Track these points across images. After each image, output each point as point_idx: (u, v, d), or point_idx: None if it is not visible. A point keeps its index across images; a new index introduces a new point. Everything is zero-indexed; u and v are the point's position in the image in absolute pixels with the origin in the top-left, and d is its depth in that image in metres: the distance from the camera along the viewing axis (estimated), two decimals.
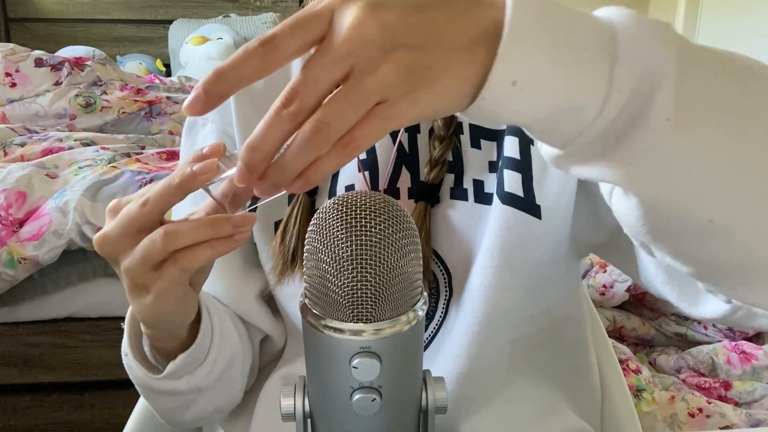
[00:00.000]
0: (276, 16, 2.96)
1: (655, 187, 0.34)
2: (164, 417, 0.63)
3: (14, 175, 1.36)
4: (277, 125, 0.32)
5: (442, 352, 0.62)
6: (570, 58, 0.32)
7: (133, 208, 0.43)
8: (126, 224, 0.43)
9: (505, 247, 0.58)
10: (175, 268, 0.42)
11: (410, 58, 0.31)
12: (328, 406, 0.41)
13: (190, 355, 0.54)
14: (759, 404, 1.44)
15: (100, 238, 0.44)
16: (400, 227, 0.38)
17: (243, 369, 0.65)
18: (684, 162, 0.33)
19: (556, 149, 0.36)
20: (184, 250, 0.42)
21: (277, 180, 0.33)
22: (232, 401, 0.65)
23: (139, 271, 0.43)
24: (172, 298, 0.46)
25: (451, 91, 0.32)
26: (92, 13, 2.98)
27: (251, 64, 0.32)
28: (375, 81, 0.31)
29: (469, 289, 0.61)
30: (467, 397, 0.62)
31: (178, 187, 0.41)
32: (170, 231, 0.42)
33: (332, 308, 0.38)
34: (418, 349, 0.41)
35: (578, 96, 0.32)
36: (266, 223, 0.65)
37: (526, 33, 0.31)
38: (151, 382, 0.56)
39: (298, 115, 0.32)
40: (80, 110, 1.96)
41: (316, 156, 0.33)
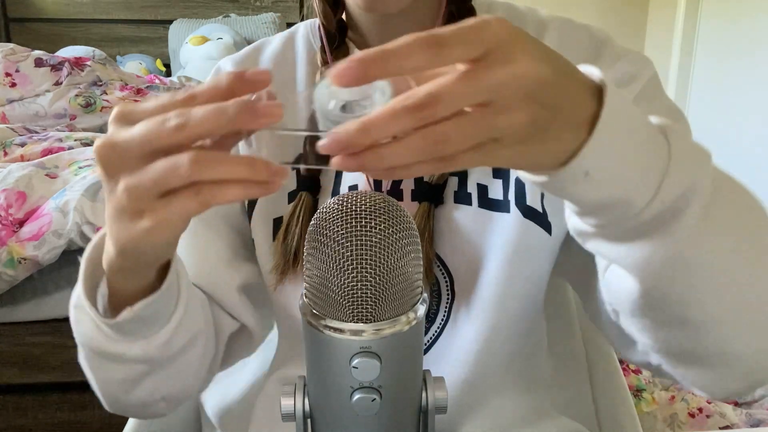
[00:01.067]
0: (276, 16, 2.96)
1: (661, 279, 0.41)
2: (107, 394, 0.56)
3: (14, 175, 1.36)
4: (403, 120, 0.32)
5: (447, 357, 0.63)
6: (633, 163, 0.37)
7: (163, 128, 0.36)
8: (147, 142, 0.36)
9: (520, 259, 0.60)
10: (194, 200, 0.36)
11: (540, 115, 0.34)
12: (328, 406, 0.41)
13: (153, 304, 0.48)
14: (759, 404, 1.44)
15: (106, 146, 0.38)
16: (401, 227, 0.38)
17: (203, 358, 0.59)
18: (692, 266, 0.40)
19: (586, 226, 0.42)
20: (210, 183, 0.36)
21: (370, 165, 0.33)
22: (183, 392, 0.59)
23: (145, 194, 0.37)
24: (171, 230, 0.38)
25: (549, 156, 0.36)
26: (92, 13, 2.99)
27: (416, 58, 0.31)
28: (506, 121, 0.33)
29: (480, 297, 0.61)
30: (469, 403, 0.63)
31: (231, 121, 0.35)
32: (201, 159, 0.35)
33: (332, 308, 0.38)
34: (418, 349, 0.41)
35: (630, 195, 0.38)
36: (265, 219, 0.65)
37: (608, 139, 0.36)
38: (101, 341, 0.50)
39: (427, 120, 0.32)
40: (80, 110, 1.96)
41: (419, 160, 0.33)
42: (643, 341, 0.49)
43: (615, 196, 0.38)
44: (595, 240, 0.43)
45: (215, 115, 0.35)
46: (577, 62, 0.66)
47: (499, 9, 0.68)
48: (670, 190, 0.38)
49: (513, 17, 0.67)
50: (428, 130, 0.32)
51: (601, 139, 0.36)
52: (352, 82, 0.32)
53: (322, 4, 0.66)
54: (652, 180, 0.38)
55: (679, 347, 0.47)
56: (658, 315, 0.45)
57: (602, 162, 0.36)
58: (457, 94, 0.32)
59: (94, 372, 0.55)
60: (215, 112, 0.35)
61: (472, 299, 0.62)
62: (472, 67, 0.32)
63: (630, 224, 0.39)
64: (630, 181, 0.37)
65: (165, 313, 0.51)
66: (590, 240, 0.43)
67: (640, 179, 0.38)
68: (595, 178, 0.37)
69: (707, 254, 0.40)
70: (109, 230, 0.42)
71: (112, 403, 0.57)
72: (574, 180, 0.37)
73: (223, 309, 0.65)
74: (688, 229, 0.39)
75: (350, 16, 0.67)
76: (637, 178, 0.37)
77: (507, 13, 0.67)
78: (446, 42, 0.31)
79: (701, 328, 0.43)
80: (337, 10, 0.66)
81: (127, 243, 0.40)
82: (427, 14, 0.65)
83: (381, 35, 0.66)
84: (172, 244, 0.44)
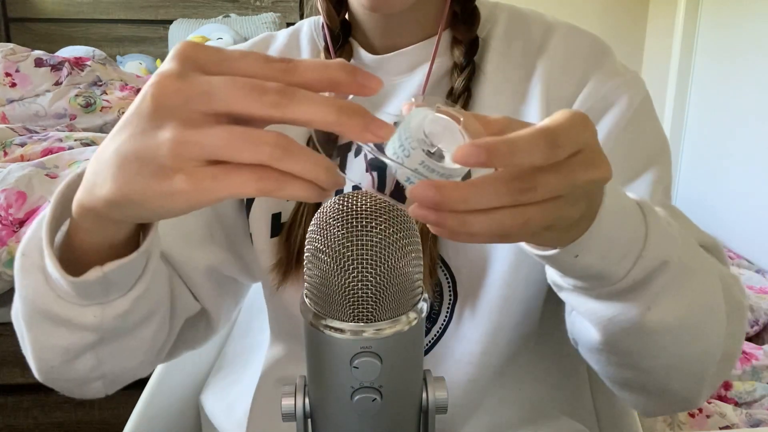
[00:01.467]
0: (276, 16, 2.96)
1: (620, 335, 0.48)
2: (42, 360, 0.50)
3: (14, 175, 1.36)
4: (501, 198, 0.33)
5: (451, 357, 0.63)
6: (615, 247, 0.42)
7: (258, 98, 0.31)
8: (231, 103, 0.32)
9: (525, 263, 0.60)
10: (253, 183, 0.32)
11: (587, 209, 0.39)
12: (329, 406, 0.41)
13: (125, 267, 0.43)
14: (759, 404, 1.44)
15: (173, 83, 0.32)
16: (401, 227, 0.38)
17: (155, 338, 0.54)
18: (649, 326, 0.46)
19: (564, 283, 0.47)
20: (278, 172, 0.32)
21: (452, 227, 0.34)
22: (125, 373, 0.55)
23: (196, 155, 0.32)
24: (202, 201, 0.33)
25: (567, 241, 0.40)
26: (92, 13, 2.98)
27: (535, 157, 0.33)
28: (570, 213, 0.37)
29: (485, 299, 0.62)
30: (470, 403, 0.63)
31: (339, 124, 0.32)
32: (289, 147, 0.31)
33: (333, 308, 0.38)
34: (419, 349, 0.41)
35: (607, 271, 0.43)
36: (264, 214, 0.64)
37: (600, 231, 0.41)
38: (49, 300, 0.45)
39: (520, 203, 0.34)
40: (80, 110, 1.96)
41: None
42: (596, 368, 0.56)
43: (594, 272, 0.43)
44: (568, 293, 0.49)
45: (325, 110, 0.31)
46: (578, 68, 0.66)
47: (504, 11, 0.67)
48: (642, 268, 0.44)
49: (518, 20, 0.67)
50: (518, 212, 0.34)
51: (595, 231, 0.40)
52: (475, 164, 0.32)
53: (326, 3, 0.66)
54: (629, 260, 0.43)
55: (625, 381, 0.54)
56: (612, 358, 0.52)
57: (591, 248, 0.41)
58: (551, 186, 0.34)
59: (32, 333, 0.49)
60: (326, 107, 0.31)
61: (477, 301, 0.62)
62: (566, 162, 0.35)
63: (603, 291, 0.45)
64: (610, 261, 0.43)
65: (130, 280, 0.46)
66: (564, 292, 0.49)
67: (619, 260, 0.43)
68: (583, 259, 0.41)
69: (663, 318, 0.46)
70: (112, 174, 0.35)
71: (46, 372, 0.51)
72: (563, 259, 0.42)
73: (187, 287, 0.63)
74: (651, 298, 0.45)
75: (354, 15, 0.67)
76: (617, 259, 0.43)
77: (512, 17, 0.67)
78: (561, 144, 0.34)
79: (649, 372, 0.51)
80: (340, 9, 0.66)
81: (135, 196, 0.34)
82: (431, 14, 0.65)
83: (385, 35, 0.66)
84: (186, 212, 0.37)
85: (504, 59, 0.65)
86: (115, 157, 0.34)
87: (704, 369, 0.51)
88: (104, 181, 0.35)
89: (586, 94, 0.62)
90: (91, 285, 0.43)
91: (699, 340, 0.49)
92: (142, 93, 0.34)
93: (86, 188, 0.38)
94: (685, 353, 0.49)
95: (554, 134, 0.33)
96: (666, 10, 2.71)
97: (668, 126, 2.63)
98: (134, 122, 0.34)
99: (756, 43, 2.18)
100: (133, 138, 0.33)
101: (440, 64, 0.65)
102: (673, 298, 0.46)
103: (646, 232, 0.43)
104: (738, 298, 0.54)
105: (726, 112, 2.37)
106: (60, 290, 0.45)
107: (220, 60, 0.33)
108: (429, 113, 0.35)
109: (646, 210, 0.44)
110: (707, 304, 0.49)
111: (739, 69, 2.29)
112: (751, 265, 2.10)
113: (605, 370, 0.55)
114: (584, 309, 0.49)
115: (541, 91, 0.62)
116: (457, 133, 0.35)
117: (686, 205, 2.62)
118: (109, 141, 0.36)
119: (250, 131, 0.31)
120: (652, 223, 0.44)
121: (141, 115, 0.33)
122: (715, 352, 0.51)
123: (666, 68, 2.66)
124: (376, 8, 0.60)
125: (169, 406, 0.82)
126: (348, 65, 0.33)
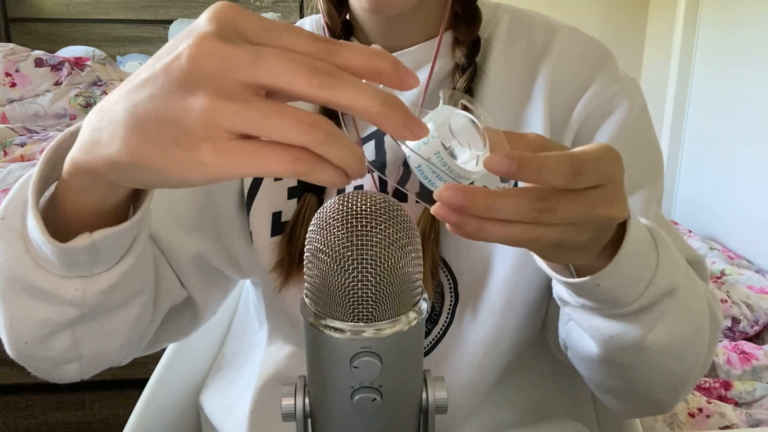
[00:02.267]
0: (276, 16, 2.96)
1: (618, 351, 0.51)
2: (16, 336, 0.47)
3: (14, 175, 1.36)
4: (521, 214, 0.36)
5: (451, 359, 0.63)
6: (632, 276, 0.46)
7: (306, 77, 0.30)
8: (274, 77, 0.30)
9: (529, 267, 0.60)
10: (287, 164, 0.30)
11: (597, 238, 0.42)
12: (329, 406, 0.41)
13: (116, 236, 0.41)
14: (759, 404, 1.44)
15: (212, 50, 0.29)
16: (401, 227, 0.38)
17: (137, 321, 0.51)
18: (645, 345, 0.49)
19: (572, 301, 0.50)
20: (314, 155, 0.30)
21: (468, 230, 0.36)
22: (103, 356, 0.51)
23: (230, 127, 0.30)
24: (223, 175, 0.31)
25: (581, 259, 0.44)
26: (92, 13, 2.98)
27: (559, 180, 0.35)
28: (580, 238, 0.39)
29: (487, 301, 0.61)
30: (470, 403, 0.63)
31: (382, 116, 0.31)
32: (335, 133, 0.30)
33: (333, 308, 0.38)
34: (419, 349, 0.41)
35: (620, 297, 0.47)
36: (265, 212, 0.64)
37: (622, 264, 0.44)
38: (28, 269, 0.42)
39: (537, 221, 0.36)
40: (80, 110, 1.96)
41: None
42: (583, 374, 0.59)
43: (609, 297, 0.46)
44: (573, 309, 0.51)
45: (370, 99, 0.30)
46: (582, 70, 0.67)
47: (506, 12, 0.67)
48: (652, 294, 0.47)
49: (520, 21, 0.67)
50: (532, 229, 0.37)
51: (618, 264, 0.43)
52: (503, 173, 0.35)
53: (327, 4, 0.65)
54: (641, 287, 0.46)
55: (611, 388, 0.57)
56: (604, 369, 0.55)
57: (612, 279, 0.44)
58: (569, 213, 0.37)
59: (6, 304, 0.45)
60: (372, 96, 0.30)
61: (478, 303, 0.62)
62: (587, 193, 0.37)
63: (610, 312, 0.48)
64: (625, 289, 0.46)
65: (117, 253, 0.44)
66: (569, 307, 0.51)
67: (632, 286, 0.46)
68: (603, 287, 0.45)
69: (662, 338, 0.49)
70: (124, 135, 0.32)
71: (19, 348, 0.48)
72: (585, 286, 0.45)
73: (174, 272, 0.62)
74: (654, 320, 0.48)
75: (354, 16, 0.67)
76: (630, 286, 0.46)
77: (514, 18, 0.67)
78: (584, 173, 0.36)
79: (637, 383, 0.54)
80: (341, 10, 0.66)
81: (149, 161, 0.31)
82: (432, 15, 0.65)
83: (386, 36, 0.66)
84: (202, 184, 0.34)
85: (507, 60, 0.64)
86: (129, 117, 0.31)
87: (687, 380, 0.55)
88: (111, 140, 0.33)
89: (588, 96, 0.62)
90: (77, 253, 0.40)
91: (687, 357, 0.53)
92: (172, 50, 0.31)
93: (84, 145, 0.35)
94: (674, 368, 0.53)
95: (581, 163, 0.36)
96: (666, 12, 2.71)
97: (668, 126, 2.63)
98: (159, 81, 0.30)
99: (756, 44, 2.18)
100: (156, 98, 0.30)
101: (442, 65, 0.65)
102: (672, 320, 0.49)
103: (657, 261, 0.47)
104: (716, 315, 0.58)
105: (726, 112, 2.37)
106: (41, 258, 0.42)
107: (263, 29, 0.31)
108: (454, 111, 0.36)
109: (657, 238, 0.47)
110: (698, 323, 0.53)
111: (738, 69, 2.29)
112: (751, 265, 2.10)
113: (594, 377, 0.57)
114: (587, 325, 0.51)
115: (545, 92, 0.62)
116: (477, 135, 0.36)
117: (686, 205, 2.62)
118: (120, 97, 0.33)
119: (298, 111, 0.30)
120: (663, 252, 0.47)
121: (170, 74, 0.30)
122: (699, 364, 0.55)
123: (666, 69, 2.66)
124: (377, 10, 0.60)
125: (169, 407, 0.82)
126: (392, 57, 0.32)
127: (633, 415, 0.66)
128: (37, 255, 0.42)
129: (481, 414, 0.65)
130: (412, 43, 0.65)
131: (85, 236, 0.40)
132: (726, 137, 2.37)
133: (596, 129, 0.63)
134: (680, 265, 0.50)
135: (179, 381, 0.84)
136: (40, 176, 0.41)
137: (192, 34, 0.30)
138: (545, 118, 0.61)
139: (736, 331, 1.73)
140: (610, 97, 0.62)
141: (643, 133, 0.65)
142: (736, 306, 1.75)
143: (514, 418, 0.67)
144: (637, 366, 0.52)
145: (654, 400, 0.57)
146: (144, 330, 0.56)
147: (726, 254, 2.13)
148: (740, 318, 1.73)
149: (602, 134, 0.62)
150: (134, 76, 0.33)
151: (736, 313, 1.73)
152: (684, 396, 0.57)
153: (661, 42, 2.75)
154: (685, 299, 0.50)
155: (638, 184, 0.62)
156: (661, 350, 0.50)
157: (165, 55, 0.31)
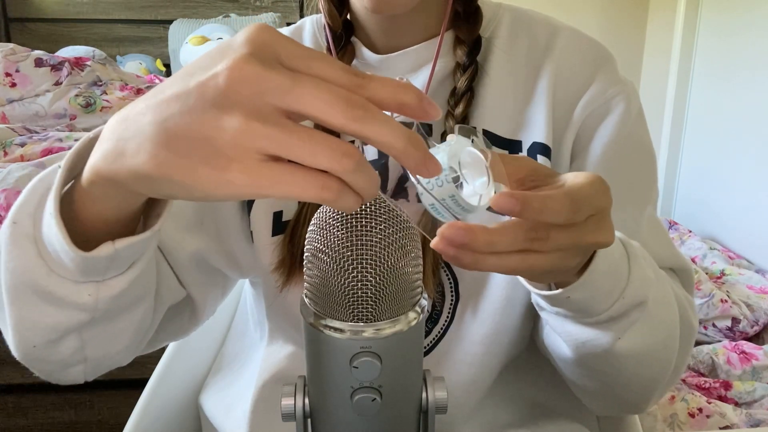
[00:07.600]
0: (276, 16, 2.96)
1: (590, 356, 0.53)
2: (23, 338, 0.47)
3: (14, 175, 1.36)
4: (518, 244, 0.38)
5: (451, 358, 0.63)
6: (603, 290, 0.48)
7: (342, 110, 0.30)
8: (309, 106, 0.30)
9: None
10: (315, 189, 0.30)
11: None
12: (329, 406, 0.41)
13: (136, 245, 0.41)
14: (759, 404, 1.44)
15: (252, 71, 0.30)
16: (401, 227, 0.38)
17: (141, 323, 0.52)
18: (616, 351, 0.51)
19: (548, 308, 0.51)
20: (339, 181, 0.31)
21: (465, 262, 0.38)
22: (107, 358, 0.52)
23: (262, 148, 0.30)
24: (251, 193, 0.31)
25: (563, 278, 0.47)
26: (92, 13, 2.98)
27: (561, 217, 0.38)
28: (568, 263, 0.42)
29: (488, 300, 0.62)
30: (470, 403, 0.63)
31: (404, 155, 0.31)
32: (364, 163, 0.31)
33: (333, 308, 0.38)
34: (419, 349, 0.41)
35: (592, 308, 0.49)
36: (266, 212, 0.64)
37: (591, 281, 0.46)
38: (41, 275, 0.42)
39: (532, 249, 0.39)
40: (80, 110, 1.96)
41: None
42: (562, 373, 0.62)
43: (579, 308, 0.49)
44: (548, 314, 0.53)
45: (397, 137, 0.31)
46: (583, 70, 0.67)
47: (508, 11, 0.67)
48: (621, 306, 0.49)
49: (522, 20, 0.67)
50: (525, 258, 0.39)
51: (589, 279, 0.45)
52: (508, 212, 0.37)
53: (328, 4, 0.65)
54: (612, 298, 0.48)
55: (586, 388, 0.61)
56: (579, 371, 0.58)
57: (582, 293, 0.47)
58: (560, 241, 0.39)
59: (16, 308, 0.45)
60: (398, 134, 0.31)
61: (479, 302, 0.62)
62: (578, 224, 0.40)
63: (582, 320, 0.51)
64: (595, 301, 0.48)
65: (131, 259, 0.44)
66: (544, 312, 0.53)
67: (602, 300, 0.48)
68: (573, 299, 0.47)
69: (630, 346, 0.51)
70: (152, 149, 0.32)
71: (26, 351, 0.48)
72: (556, 297, 0.48)
73: (173, 272, 0.62)
74: (623, 329, 0.50)
75: (355, 15, 0.67)
76: (600, 299, 0.48)
77: (515, 17, 0.67)
78: (581, 210, 0.39)
79: (610, 385, 0.57)
80: (342, 9, 0.66)
81: (177, 176, 0.31)
82: (433, 14, 0.65)
83: (387, 35, 0.65)
84: (228, 200, 0.38)
85: (508, 59, 0.64)
86: (159, 130, 0.32)
87: (657, 384, 0.58)
88: (138, 151, 0.33)
89: (589, 97, 0.63)
90: (98, 262, 0.41)
91: (657, 363, 0.56)
92: (208, 68, 0.31)
93: (108, 155, 0.35)
94: (644, 373, 0.56)
95: (578, 201, 0.38)
96: (665, 14, 2.71)
97: (668, 127, 2.63)
98: (193, 97, 0.31)
99: (755, 44, 2.18)
100: (188, 115, 0.31)
101: (443, 65, 0.65)
102: (641, 330, 0.52)
103: (628, 276, 0.49)
104: (691, 322, 0.61)
105: (726, 112, 2.37)
106: (55, 263, 0.42)
107: (298, 56, 0.31)
108: (467, 144, 0.38)
109: (630, 253, 0.50)
110: (667, 332, 0.56)
111: (738, 69, 2.29)
112: (751, 265, 2.10)
113: (570, 377, 0.61)
114: (561, 330, 0.54)
115: (547, 92, 0.62)
116: (483, 170, 0.38)
117: (686, 205, 2.62)
118: (148, 108, 0.33)
119: (332, 138, 0.30)
120: (635, 266, 0.49)
121: (206, 92, 0.30)
122: (669, 369, 0.58)
123: (666, 70, 2.66)
124: (379, 9, 0.60)
125: (168, 407, 0.82)
126: (417, 90, 0.33)
127: (608, 412, 0.70)
128: (50, 260, 0.42)
129: (481, 414, 0.65)
130: (413, 43, 0.65)
131: (108, 245, 0.40)
132: (726, 137, 2.37)
133: (596, 129, 0.63)
134: (651, 278, 0.52)
135: (179, 381, 0.84)
136: (62, 183, 0.41)
137: (229, 55, 0.30)
138: (548, 117, 0.62)
139: (736, 331, 1.73)
140: (610, 97, 0.63)
141: (640, 135, 0.65)
142: (736, 306, 1.75)
143: (514, 417, 0.67)
144: (608, 370, 0.55)
145: (626, 401, 0.60)
146: (146, 330, 0.56)
147: (726, 254, 2.13)
148: (740, 318, 1.73)
149: (601, 134, 0.62)
150: (162, 89, 0.33)
151: (736, 313, 1.73)
152: (657, 399, 0.61)
153: (660, 43, 2.74)
154: (656, 310, 0.52)
155: (635, 185, 0.63)
156: (631, 356, 0.52)
157: (199, 71, 0.31)
